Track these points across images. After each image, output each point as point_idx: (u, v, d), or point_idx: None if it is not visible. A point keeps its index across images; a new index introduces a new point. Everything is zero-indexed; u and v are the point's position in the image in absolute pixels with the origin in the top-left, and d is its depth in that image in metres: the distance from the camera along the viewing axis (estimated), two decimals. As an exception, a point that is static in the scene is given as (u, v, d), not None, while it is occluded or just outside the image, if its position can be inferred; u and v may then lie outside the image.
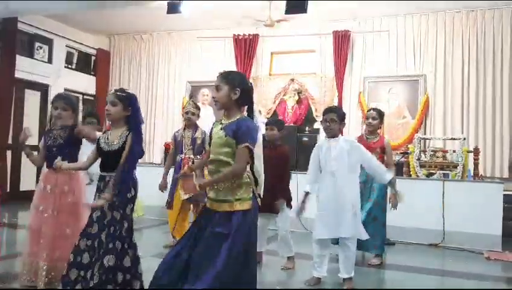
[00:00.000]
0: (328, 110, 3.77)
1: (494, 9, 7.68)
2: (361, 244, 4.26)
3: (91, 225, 2.83)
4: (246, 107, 2.64)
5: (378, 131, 4.61)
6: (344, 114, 3.79)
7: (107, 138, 2.94)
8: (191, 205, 4.88)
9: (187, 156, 4.77)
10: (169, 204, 4.81)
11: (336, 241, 3.89)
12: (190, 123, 4.83)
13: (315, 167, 3.74)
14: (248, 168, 2.54)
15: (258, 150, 2.94)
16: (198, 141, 4.78)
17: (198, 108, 4.94)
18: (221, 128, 2.53)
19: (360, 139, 4.35)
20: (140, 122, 2.96)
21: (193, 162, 4.72)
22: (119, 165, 2.82)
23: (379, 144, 4.44)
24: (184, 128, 4.89)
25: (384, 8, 7.91)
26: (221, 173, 2.47)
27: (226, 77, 2.56)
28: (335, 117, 3.64)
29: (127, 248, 2.80)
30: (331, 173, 3.59)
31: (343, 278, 3.68)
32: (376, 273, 4.34)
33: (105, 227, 2.79)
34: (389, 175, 3.68)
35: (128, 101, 2.92)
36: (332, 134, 3.68)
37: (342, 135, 3.80)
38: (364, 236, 3.70)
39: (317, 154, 3.74)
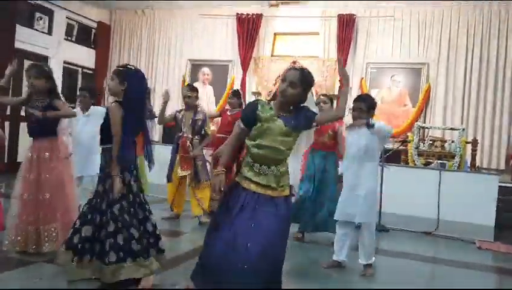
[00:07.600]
0: (356, 99, 3.68)
1: (500, 2, 7.62)
2: (322, 225, 4.46)
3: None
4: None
5: None
6: (374, 103, 3.64)
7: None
8: (187, 180, 5.03)
9: (186, 135, 4.95)
10: (169, 177, 5.05)
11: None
12: (188, 106, 4.98)
13: None
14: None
15: None
16: (199, 123, 4.97)
17: (195, 90, 5.08)
18: (278, 117, 2.48)
19: None
20: (130, 97, 2.84)
21: (191, 142, 4.93)
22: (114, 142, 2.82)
23: (331, 126, 4.47)
24: (185, 110, 5.04)
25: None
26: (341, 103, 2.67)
27: (305, 77, 2.50)
28: (362, 106, 3.56)
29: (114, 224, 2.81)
30: (358, 159, 3.59)
31: (363, 265, 3.70)
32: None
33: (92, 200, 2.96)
34: (389, 127, 3.64)
35: (122, 76, 2.87)
36: (359, 123, 3.61)
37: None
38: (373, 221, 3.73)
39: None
